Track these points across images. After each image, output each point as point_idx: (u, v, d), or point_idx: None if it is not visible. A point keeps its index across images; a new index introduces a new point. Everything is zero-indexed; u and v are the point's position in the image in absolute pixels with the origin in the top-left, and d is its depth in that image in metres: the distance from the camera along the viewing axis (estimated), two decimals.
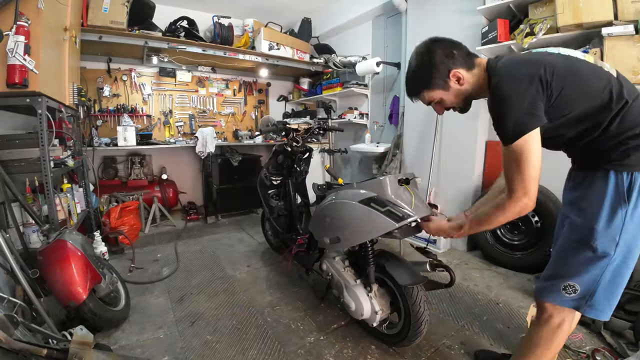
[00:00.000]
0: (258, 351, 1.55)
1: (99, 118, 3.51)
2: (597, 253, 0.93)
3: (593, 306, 0.98)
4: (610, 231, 0.91)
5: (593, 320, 1.65)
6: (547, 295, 1.03)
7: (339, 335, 1.68)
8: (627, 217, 0.89)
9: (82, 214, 2.44)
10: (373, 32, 3.79)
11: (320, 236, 1.63)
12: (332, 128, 2.42)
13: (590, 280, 0.96)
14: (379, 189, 1.33)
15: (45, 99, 1.71)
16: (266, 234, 2.86)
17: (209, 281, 2.26)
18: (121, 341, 1.59)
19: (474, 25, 2.55)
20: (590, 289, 0.97)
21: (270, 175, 2.52)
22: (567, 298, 0.99)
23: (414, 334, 1.43)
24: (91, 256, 1.64)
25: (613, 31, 1.80)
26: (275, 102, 4.92)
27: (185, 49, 3.40)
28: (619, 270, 0.95)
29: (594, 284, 0.96)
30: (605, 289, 0.96)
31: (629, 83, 0.96)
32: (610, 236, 0.91)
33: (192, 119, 4.16)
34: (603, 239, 0.92)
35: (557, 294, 1.01)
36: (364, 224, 1.35)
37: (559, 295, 1.00)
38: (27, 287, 1.37)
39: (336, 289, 1.70)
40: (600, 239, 0.92)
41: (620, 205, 0.90)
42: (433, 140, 2.88)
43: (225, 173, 3.76)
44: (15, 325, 0.94)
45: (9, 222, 1.66)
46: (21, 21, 1.51)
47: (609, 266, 0.94)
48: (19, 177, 1.79)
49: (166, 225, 3.56)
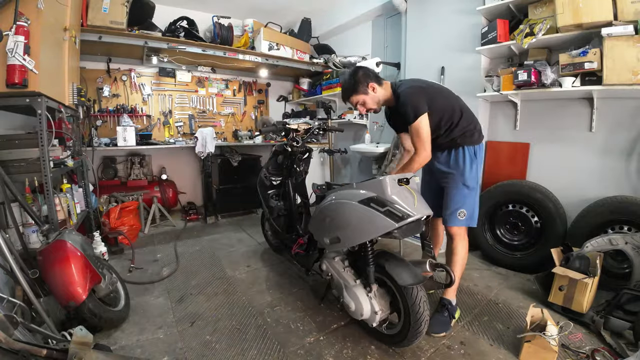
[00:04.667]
0: (258, 351, 1.55)
1: (99, 118, 3.51)
2: (470, 188, 1.69)
3: (474, 219, 1.72)
4: (472, 175, 1.68)
5: (593, 320, 1.65)
6: (453, 222, 1.71)
7: (338, 335, 1.68)
8: (477, 167, 1.70)
9: (82, 214, 2.44)
10: (373, 32, 3.79)
11: (320, 236, 1.63)
12: (331, 128, 2.42)
13: (470, 205, 1.70)
14: (378, 189, 1.33)
15: (44, 99, 1.70)
16: (266, 234, 2.86)
17: (209, 281, 2.26)
18: (121, 341, 1.59)
19: (474, 25, 2.55)
20: (472, 210, 1.71)
21: (270, 175, 2.52)
22: (461, 220, 1.69)
23: (413, 334, 1.43)
24: (91, 256, 1.64)
25: (613, 31, 1.80)
26: (275, 102, 4.92)
27: (185, 49, 3.40)
28: (477, 195, 1.74)
29: (472, 206, 1.71)
30: (476, 207, 1.73)
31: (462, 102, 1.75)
32: (473, 177, 1.69)
33: (191, 119, 4.15)
34: (470, 180, 1.68)
35: (457, 219, 1.70)
36: (364, 224, 1.35)
37: (457, 220, 1.70)
38: (27, 287, 1.37)
39: (336, 289, 1.70)
40: (469, 181, 1.68)
41: (473, 161, 1.69)
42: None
43: (225, 173, 3.76)
44: (15, 326, 0.94)
45: (8, 222, 1.65)
46: (21, 21, 1.51)
47: (475, 195, 1.72)
48: (18, 177, 1.78)
49: (166, 225, 3.56)
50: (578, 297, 1.72)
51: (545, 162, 2.45)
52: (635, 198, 1.93)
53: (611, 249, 1.87)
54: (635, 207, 1.90)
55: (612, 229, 2.01)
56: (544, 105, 2.42)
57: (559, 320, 1.65)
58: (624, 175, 2.10)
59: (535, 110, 2.47)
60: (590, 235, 1.98)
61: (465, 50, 2.65)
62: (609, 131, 2.14)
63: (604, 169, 2.17)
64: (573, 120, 2.28)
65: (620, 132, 2.10)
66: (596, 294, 1.80)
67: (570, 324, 1.57)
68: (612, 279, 1.93)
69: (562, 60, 2.07)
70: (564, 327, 1.53)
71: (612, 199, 1.99)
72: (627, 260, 1.84)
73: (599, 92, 2.03)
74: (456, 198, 1.69)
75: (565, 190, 2.27)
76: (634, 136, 2.05)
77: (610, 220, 1.99)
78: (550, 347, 1.39)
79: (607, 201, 2.01)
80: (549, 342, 1.39)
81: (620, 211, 1.95)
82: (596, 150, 2.20)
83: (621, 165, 2.11)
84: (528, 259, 2.32)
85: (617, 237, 1.85)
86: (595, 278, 1.72)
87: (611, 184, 2.13)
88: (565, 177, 2.32)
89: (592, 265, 1.75)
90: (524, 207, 2.37)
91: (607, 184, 2.14)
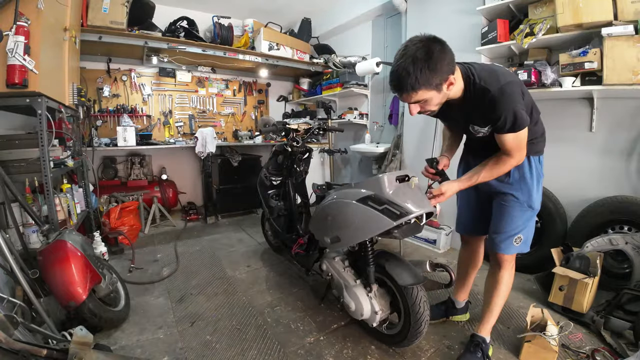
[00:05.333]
0: (258, 351, 1.55)
1: (99, 118, 3.51)
2: (534, 211, 1.37)
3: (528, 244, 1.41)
4: (539, 194, 1.37)
5: (593, 320, 1.65)
6: (506, 249, 1.39)
7: (338, 335, 1.68)
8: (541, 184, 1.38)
9: (82, 214, 2.44)
10: (373, 32, 3.79)
11: (321, 236, 1.63)
12: (331, 128, 2.42)
13: (529, 230, 1.39)
14: (376, 187, 1.32)
15: (45, 99, 1.70)
16: (266, 234, 2.86)
17: (209, 281, 2.26)
18: (121, 341, 1.59)
19: (474, 25, 2.55)
20: (529, 235, 1.40)
21: (270, 175, 2.52)
22: (515, 247, 1.38)
23: (414, 334, 1.43)
24: (91, 256, 1.64)
25: (613, 31, 1.80)
26: (275, 102, 4.92)
27: (185, 49, 3.40)
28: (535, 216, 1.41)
29: (531, 230, 1.40)
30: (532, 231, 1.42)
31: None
32: (538, 198, 1.37)
33: (191, 119, 4.15)
34: (536, 201, 1.36)
35: (511, 246, 1.38)
36: (363, 222, 1.34)
37: (512, 246, 1.38)
38: (27, 287, 1.37)
39: (336, 289, 1.70)
40: (535, 202, 1.36)
41: (540, 177, 1.37)
42: (433, 140, 2.88)
43: (225, 173, 3.76)
44: (15, 326, 0.94)
45: (8, 222, 1.65)
46: (21, 21, 1.51)
47: (535, 216, 1.40)
48: (18, 178, 1.78)
49: (166, 225, 3.56)
50: (578, 297, 1.72)
51: (545, 162, 2.44)
52: (636, 198, 1.93)
53: (611, 249, 1.87)
54: (635, 207, 1.89)
55: (612, 229, 2.01)
56: (544, 105, 2.38)
57: (559, 320, 1.65)
58: (624, 175, 2.10)
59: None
60: (590, 235, 1.98)
61: (465, 50, 2.64)
62: (609, 131, 2.14)
63: (604, 169, 2.17)
64: (573, 120, 2.28)
65: (620, 132, 2.10)
66: (596, 294, 1.80)
67: (570, 324, 1.58)
68: (612, 279, 1.93)
69: (562, 60, 2.07)
70: (564, 327, 1.53)
71: (612, 199, 1.99)
72: (627, 260, 1.84)
73: (599, 92, 2.03)
74: (516, 221, 1.36)
75: (565, 190, 2.27)
76: (634, 136, 2.05)
77: (610, 220, 1.99)
78: (551, 347, 1.39)
79: (607, 201, 2.01)
80: (549, 342, 1.39)
81: (621, 211, 1.95)
82: (596, 150, 2.20)
83: (621, 165, 2.11)
84: (528, 259, 2.31)
85: (617, 237, 1.85)
86: (595, 278, 1.72)
87: (611, 184, 2.12)
88: (565, 177, 2.31)
89: (592, 265, 1.75)
90: None
91: (607, 184, 2.13)
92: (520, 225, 1.36)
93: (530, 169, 1.34)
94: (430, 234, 2.82)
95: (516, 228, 1.36)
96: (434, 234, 2.80)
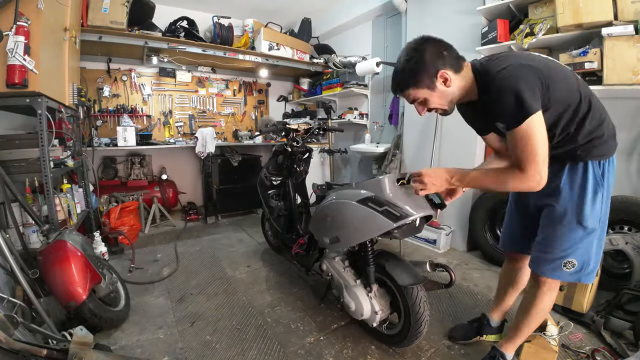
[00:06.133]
0: (258, 351, 1.55)
1: (99, 118, 3.51)
2: (587, 230, 1.11)
3: (590, 273, 1.16)
4: (595, 209, 1.10)
5: (593, 320, 1.65)
6: (551, 273, 1.17)
7: (339, 335, 1.68)
8: (604, 197, 1.11)
9: (82, 214, 2.44)
10: (373, 32, 3.79)
11: (320, 236, 1.63)
12: (332, 128, 2.42)
13: (584, 254, 1.13)
14: (377, 188, 1.32)
15: (45, 99, 1.70)
16: (266, 234, 2.86)
17: (209, 281, 2.26)
18: (121, 341, 1.59)
19: (474, 25, 2.55)
20: (586, 260, 1.14)
21: (270, 175, 2.52)
22: (567, 273, 1.15)
23: (414, 334, 1.43)
24: (91, 256, 1.64)
25: (613, 31, 1.80)
26: (275, 102, 4.92)
27: (185, 49, 3.40)
28: (601, 238, 1.15)
29: (588, 255, 1.14)
30: (595, 255, 1.15)
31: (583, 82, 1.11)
32: (595, 214, 1.10)
33: (192, 119, 4.16)
34: (591, 218, 1.10)
35: (559, 271, 1.16)
36: (362, 223, 1.35)
37: (560, 271, 1.16)
38: (27, 287, 1.37)
39: (336, 289, 1.70)
40: (589, 219, 1.10)
41: (599, 188, 1.09)
42: (433, 140, 2.88)
43: (225, 173, 3.76)
44: (15, 326, 0.94)
45: (8, 222, 1.65)
46: (21, 21, 1.51)
47: (594, 238, 1.13)
48: (18, 178, 1.78)
49: (166, 225, 3.56)
50: (578, 297, 1.72)
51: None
52: (636, 198, 1.92)
53: (611, 249, 1.87)
54: (635, 207, 1.89)
55: (612, 229, 2.00)
56: None
57: (559, 320, 1.65)
58: (624, 175, 2.10)
59: None
60: None
61: (465, 50, 2.61)
62: None
63: None
64: None
65: (620, 132, 2.05)
66: (596, 294, 1.79)
67: (570, 324, 1.58)
68: (612, 279, 1.93)
69: (562, 60, 2.07)
70: (564, 327, 1.53)
71: (612, 199, 1.97)
72: (628, 260, 1.84)
73: (599, 92, 2.01)
74: (563, 240, 1.13)
75: None
76: (634, 136, 2.05)
77: (610, 220, 1.99)
78: (551, 347, 1.39)
79: None
80: (550, 342, 1.39)
81: (621, 211, 1.95)
82: None
83: (621, 165, 2.10)
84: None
85: (617, 237, 1.85)
86: (595, 278, 1.72)
87: None
88: None
89: None
90: None
91: None
92: (570, 246, 1.12)
93: (585, 175, 1.09)
94: (431, 234, 2.82)
95: (563, 249, 1.13)
96: (434, 234, 2.80)
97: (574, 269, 1.14)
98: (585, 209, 1.09)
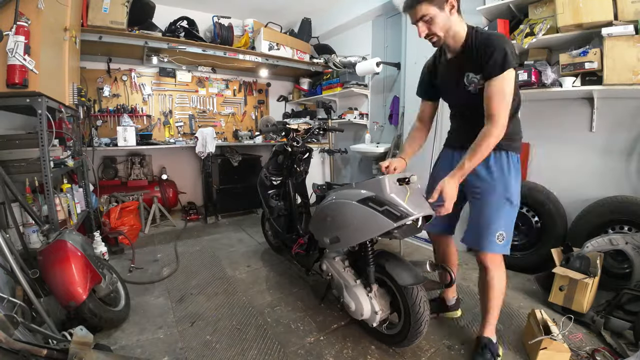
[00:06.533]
0: (258, 351, 1.55)
1: (99, 118, 3.51)
2: (513, 205, 1.33)
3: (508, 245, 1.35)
4: (517, 188, 1.34)
5: (593, 320, 1.65)
6: (489, 246, 1.34)
7: (339, 335, 1.68)
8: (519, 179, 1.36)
9: (82, 214, 2.44)
10: (373, 32, 3.79)
11: (320, 236, 1.63)
12: (332, 128, 2.42)
13: (509, 226, 1.35)
14: (377, 188, 1.32)
15: (45, 99, 1.70)
16: (266, 234, 2.86)
17: (209, 281, 2.26)
18: (121, 341, 1.59)
19: (474, 25, 2.55)
20: (509, 233, 1.35)
21: (270, 175, 2.52)
22: (500, 245, 1.33)
23: (414, 334, 1.43)
24: (91, 256, 1.64)
25: (613, 31, 1.80)
26: (275, 102, 4.92)
27: (185, 49, 3.40)
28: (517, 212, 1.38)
29: (511, 228, 1.35)
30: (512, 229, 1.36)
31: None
32: (517, 192, 1.34)
33: (192, 119, 4.16)
34: (515, 195, 1.33)
35: (494, 244, 1.33)
36: (363, 223, 1.35)
37: (495, 244, 1.33)
38: (27, 287, 1.37)
39: (336, 289, 1.70)
40: (514, 196, 1.33)
41: (517, 173, 1.35)
42: (433, 140, 2.87)
43: (225, 173, 3.76)
44: (15, 326, 0.94)
45: (9, 222, 1.65)
46: (21, 21, 1.51)
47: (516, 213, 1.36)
48: (19, 177, 1.78)
49: (166, 225, 3.56)
50: (578, 297, 1.72)
51: (545, 162, 2.45)
52: (636, 198, 1.93)
53: (611, 249, 1.87)
54: (635, 207, 1.90)
55: (612, 229, 2.01)
56: (544, 105, 2.41)
57: (555, 318, 1.64)
58: (624, 175, 2.10)
59: (535, 110, 2.46)
60: (590, 236, 1.98)
61: None
62: (609, 131, 2.14)
63: (604, 169, 2.17)
64: (573, 120, 2.28)
65: (620, 132, 2.10)
66: (596, 294, 1.80)
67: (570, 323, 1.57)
68: (613, 279, 1.93)
69: (562, 60, 2.07)
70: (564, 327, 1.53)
71: (613, 199, 1.99)
72: (628, 260, 1.84)
73: (599, 92, 2.03)
74: (495, 216, 1.32)
75: (565, 190, 2.27)
76: (634, 136, 2.05)
77: (610, 220, 1.99)
78: (564, 348, 1.37)
79: (608, 201, 2.01)
80: (564, 344, 1.38)
81: (621, 211, 1.95)
82: (596, 150, 2.20)
83: (621, 165, 2.11)
84: (528, 259, 2.32)
85: (617, 237, 1.85)
86: (595, 278, 1.72)
87: (611, 184, 2.12)
88: (565, 177, 2.31)
89: (592, 266, 1.75)
90: (524, 207, 2.37)
91: (608, 184, 2.13)
92: (500, 220, 1.32)
93: (508, 162, 1.34)
94: None
95: (495, 224, 1.32)
96: None
97: (504, 241, 1.33)
98: (512, 188, 1.32)
